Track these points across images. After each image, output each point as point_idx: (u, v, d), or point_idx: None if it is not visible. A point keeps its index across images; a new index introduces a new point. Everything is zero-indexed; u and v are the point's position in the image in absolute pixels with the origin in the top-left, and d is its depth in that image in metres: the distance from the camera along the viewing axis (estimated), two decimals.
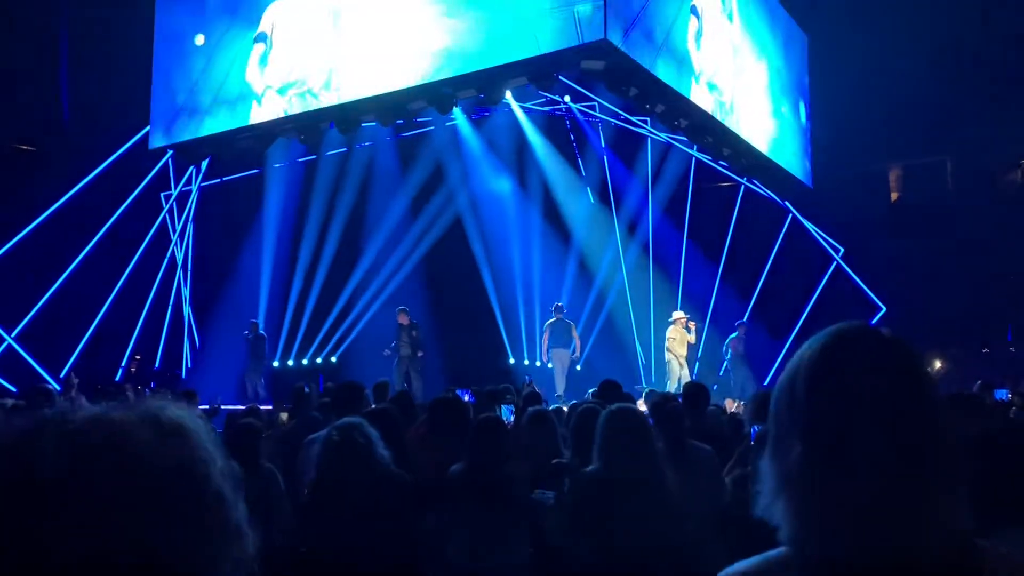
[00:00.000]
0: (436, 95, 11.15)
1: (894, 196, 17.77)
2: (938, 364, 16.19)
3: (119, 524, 0.66)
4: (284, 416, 5.90)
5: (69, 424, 0.71)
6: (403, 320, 13.02)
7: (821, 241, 16.17)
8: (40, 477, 0.66)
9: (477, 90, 11.04)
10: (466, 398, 5.43)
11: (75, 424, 0.71)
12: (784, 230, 16.18)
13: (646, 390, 9.37)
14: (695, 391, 5.59)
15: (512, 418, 4.43)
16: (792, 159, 15.14)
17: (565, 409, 6.65)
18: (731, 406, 11.29)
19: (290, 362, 16.09)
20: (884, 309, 15.57)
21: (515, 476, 3.90)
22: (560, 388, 12.71)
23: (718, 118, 12.08)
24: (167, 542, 0.68)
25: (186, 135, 13.42)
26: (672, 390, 11.53)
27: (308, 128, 12.54)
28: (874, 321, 15.55)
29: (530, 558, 3.90)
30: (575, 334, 13.39)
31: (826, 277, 16.08)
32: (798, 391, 1.05)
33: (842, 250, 16.08)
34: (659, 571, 3.19)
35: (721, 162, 14.25)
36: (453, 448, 4.07)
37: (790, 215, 16.10)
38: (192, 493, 0.71)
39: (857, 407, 1.00)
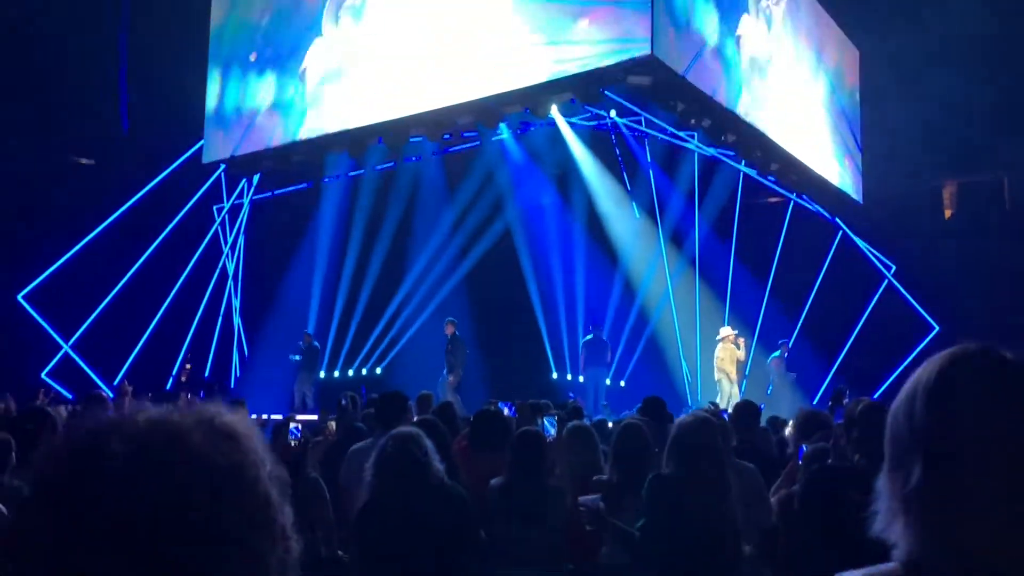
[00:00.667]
0: (483, 111, 11.25)
1: (948, 213, 17.36)
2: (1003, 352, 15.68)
3: (178, 518, 0.70)
4: (332, 425, 5.97)
5: (132, 425, 0.76)
6: (449, 331, 12.94)
7: (872, 258, 15.86)
8: (107, 475, 0.71)
9: (523, 105, 11.10)
10: (506, 411, 5.42)
11: (138, 425, 0.76)
12: (834, 247, 15.90)
13: (688, 410, 9.27)
14: (743, 409, 5.51)
15: (553, 431, 4.42)
16: (843, 174, 14.91)
17: (610, 424, 6.63)
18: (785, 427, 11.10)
19: (336, 373, 16.27)
20: (938, 328, 15.19)
21: (555, 492, 3.89)
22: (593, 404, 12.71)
23: (766, 133, 11.96)
24: (222, 537, 0.73)
25: (238, 149, 13.74)
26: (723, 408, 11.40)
27: (357, 143, 12.74)
28: (927, 340, 15.18)
29: (570, 573, 3.88)
30: (609, 350, 13.52)
31: (877, 295, 15.74)
32: (918, 411, 1.06)
33: (894, 268, 15.74)
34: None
35: (769, 177, 14.09)
36: (494, 462, 4.07)
37: (840, 231, 15.82)
38: (244, 493, 0.76)
39: (980, 427, 1.00)
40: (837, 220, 15.70)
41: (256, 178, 15.46)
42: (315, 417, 9.62)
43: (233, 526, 0.74)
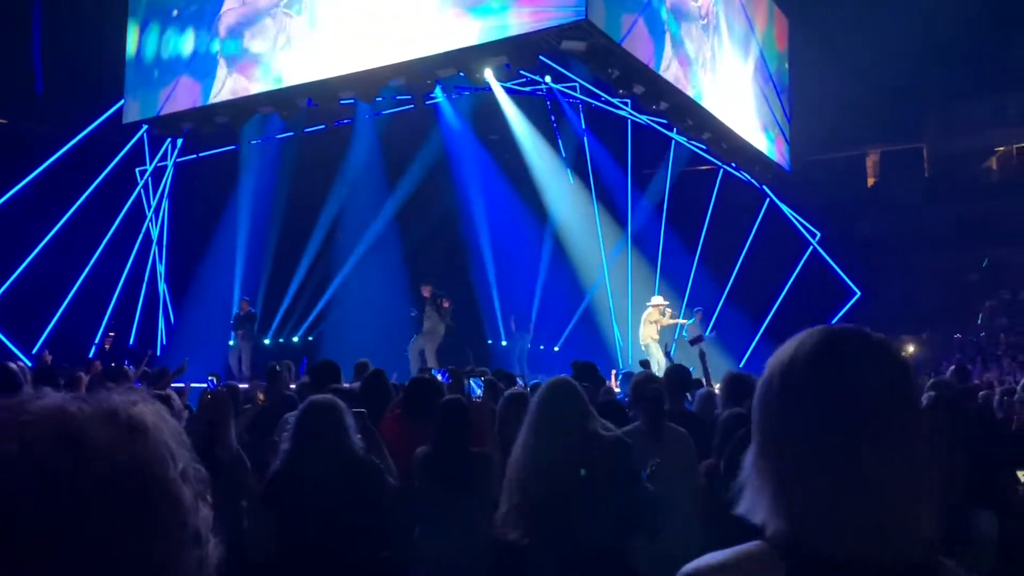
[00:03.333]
0: (415, 73, 11.07)
1: (871, 181, 17.90)
2: (912, 348, 16.39)
3: (69, 529, 0.64)
4: (260, 395, 5.85)
5: (23, 414, 0.68)
6: (427, 293, 12.41)
7: (798, 226, 16.27)
8: None
9: (456, 69, 10.96)
10: (440, 378, 5.42)
11: (29, 414, 0.68)
12: (761, 214, 16.26)
13: (621, 372, 9.42)
14: (678, 374, 5.58)
15: (479, 391, 4.42)
16: (771, 143, 15.19)
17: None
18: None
19: (266, 340, 16.00)
20: (859, 294, 15.73)
21: (481, 458, 3.89)
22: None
23: (698, 101, 12.08)
24: (123, 548, 0.66)
25: (161, 109, 13.25)
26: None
27: (286, 103, 12.41)
28: (848, 305, 15.72)
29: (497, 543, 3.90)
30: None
31: (802, 261, 16.20)
32: (788, 389, 1.08)
33: (819, 235, 16.20)
34: (616, 543, 3.18)
35: (700, 145, 14.27)
36: (426, 430, 4.06)
37: (768, 199, 16.17)
38: (146, 494, 0.69)
39: (848, 408, 1.03)
40: (765, 188, 16.04)
41: (180, 140, 14.95)
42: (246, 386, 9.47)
43: (137, 534, 0.67)
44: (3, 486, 0.63)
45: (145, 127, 14.20)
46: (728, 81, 13.30)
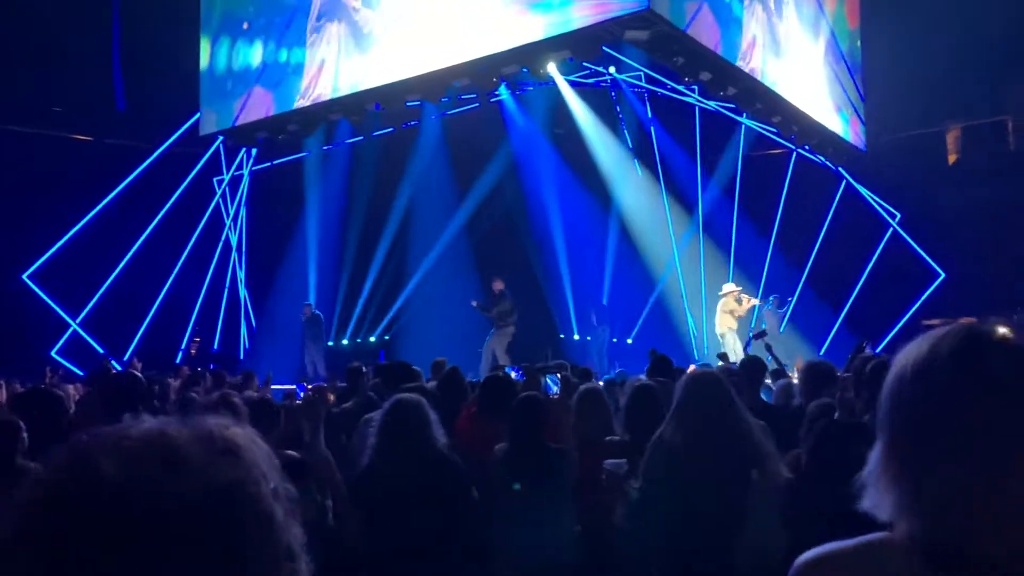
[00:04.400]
0: (480, 72, 11.13)
1: (952, 158, 17.20)
2: (1001, 330, 15.69)
3: (174, 543, 0.67)
4: (331, 395, 5.94)
5: (125, 440, 0.72)
6: (498, 286, 12.52)
7: (877, 207, 15.76)
8: (97, 499, 0.67)
9: (520, 65, 10.97)
10: (514, 375, 5.44)
11: (131, 440, 0.72)
12: (838, 197, 15.80)
13: (698, 364, 9.29)
14: (752, 365, 5.49)
15: (556, 388, 4.44)
16: (845, 123, 14.76)
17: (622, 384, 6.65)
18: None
19: (344, 341, 16.33)
20: (943, 275, 15.14)
21: (559, 454, 3.91)
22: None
23: (767, 84, 11.82)
24: (223, 563, 0.69)
25: (235, 120, 13.65)
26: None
27: (354, 109, 12.64)
28: (932, 287, 15.16)
29: (579, 535, 3.91)
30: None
31: (882, 244, 15.67)
32: (927, 386, 1.08)
33: (899, 216, 15.65)
34: (723, 540, 3.18)
35: (771, 129, 13.96)
36: (502, 428, 4.09)
37: (844, 181, 15.71)
38: (245, 513, 0.72)
39: (990, 404, 1.04)
40: (840, 170, 15.58)
41: (255, 149, 15.38)
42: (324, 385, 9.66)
43: (234, 549, 0.70)
44: (108, 507, 0.67)
45: (221, 138, 14.65)
46: (798, 62, 12.98)
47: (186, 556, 0.67)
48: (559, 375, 4.50)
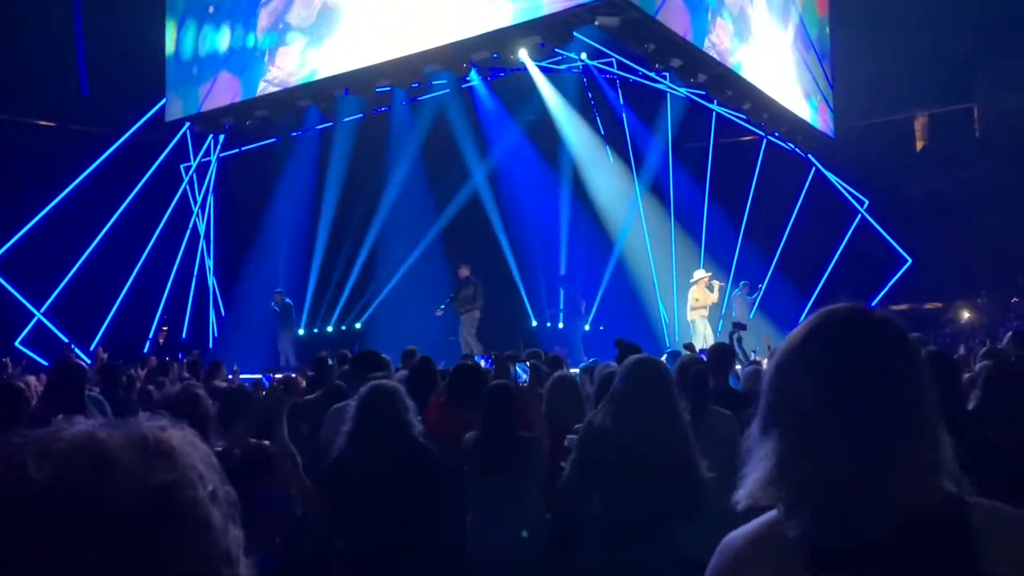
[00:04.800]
0: (450, 57, 11.06)
1: (919, 145, 17.42)
2: (966, 315, 15.98)
3: (103, 553, 0.65)
4: (302, 380, 5.90)
5: (55, 443, 0.70)
6: (464, 273, 12.58)
7: (845, 194, 15.92)
8: (22, 505, 0.66)
9: (490, 51, 10.92)
10: (483, 364, 5.43)
11: (62, 443, 0.70)
12: (807, 184, 15.94)
13: (667, 351, 9.34)
14: (720, 353, 5.50)
15: (526, 377, 4.43)
16: (814, 111, 14.87)
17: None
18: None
19: (315, 330, 16.22)
20: (910, 261, 15.37)
21: (529, 442, 3.91)
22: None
23: (737, 71, 11.87)
24: (147, 564, 0.67)
25: (201, 106, 13.45)
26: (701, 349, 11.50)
27: (322, 95, 12.51)
28: (900, 273, 15.37)
29: (549, 523, 3.92)
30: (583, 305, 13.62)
31: (851, 230, 15.85)
32: (781, 369, 1.12)
33: (867, 202, 15.83)
34: (666, 525, 3.19)
35: (742, 116, 14.02)
36: (473, 415, 4.08)
37: (813, 168, 15.84)
38: (174, 517, 0.70)
39: (837, 385, 1.05)
40: (810, 157, 15.72)
41: (222, 135, 15.17)
42: (293, 375, 9.60)
43: (167, 556, 0.68)
44: (37, 511, 0.65)
45: (187, 124, 14.43)
46: (768, 50, 13.03)
47: (115, 563, 0.65)
48: (528, 363, 4.49)
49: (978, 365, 4.71)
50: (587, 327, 14.77)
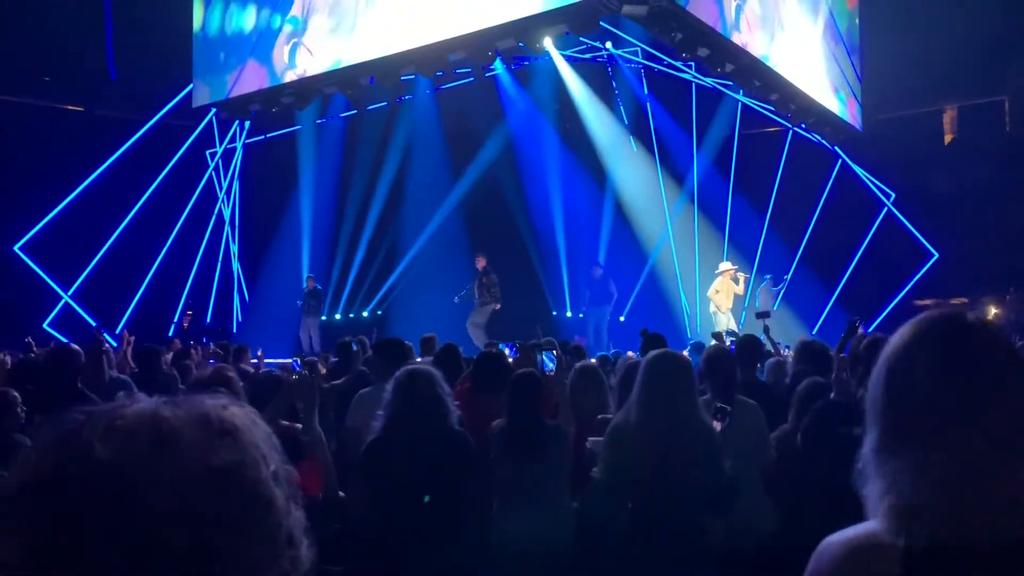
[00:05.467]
0: (475, 45, 11.04)
1: (948, 138, 17.18)
2: (994, 310, 15.78)
3: (168, 529, 0.65)
4: (322, 368, 5.90)
5: (118, 420, 0.70)
6: (480, 263, 12.62)
7: (872, 187, 15.75)
8: (88, 482, 0.65)
9: (516, 39, 10.87)
10: (507, 352, 5.43)
11: (125, 420, 0.70)
12: (833, 176, 15.77)
13: (691, 342, 9.31)
14: (749, 344, 5.48)
15: (552, 366, 4.44)
16: (842, 102, 14.71)
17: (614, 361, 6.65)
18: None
19: (338, 316, 16.31)
20: (937, 255, 15.18)
21: (556, 431, 3.91)
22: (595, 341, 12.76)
23: (765, 62, 11.76)
24: (218, 549, 0.67)
25: (228, 92, 13.52)
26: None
27: (348, 82, 12.53)
28: (926, 267, 15.20)
29: (575, 511, 3.93)
30: (613, 290, 13.47)
31: (877, 223, 15.68)
32: (881, 380, 1.13)
33: (893, 195, 15.65)
34: (695, 520, 3.19)
35: (768, 107, 13.90)
36: (496, 403, 4.09)
37: (839, 160, 15.68)
38: (242, 497, 0.70)
39: (969, 399, 1.06)
40: (836, 149, 15.55)
41: (248, 122, 15.25)
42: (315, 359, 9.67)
43: (230, 536, 0.67)
44: (102, 489, 0.65)
45: (213, 110, 14.52)
46: (797, 42, 12.90)
47: (182, 541, 0.65)
48: (555, 352, 4.49)
49: None
50: (622, 318, 14.78)
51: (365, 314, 16.41)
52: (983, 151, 15.62)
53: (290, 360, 7.12)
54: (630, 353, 6.95)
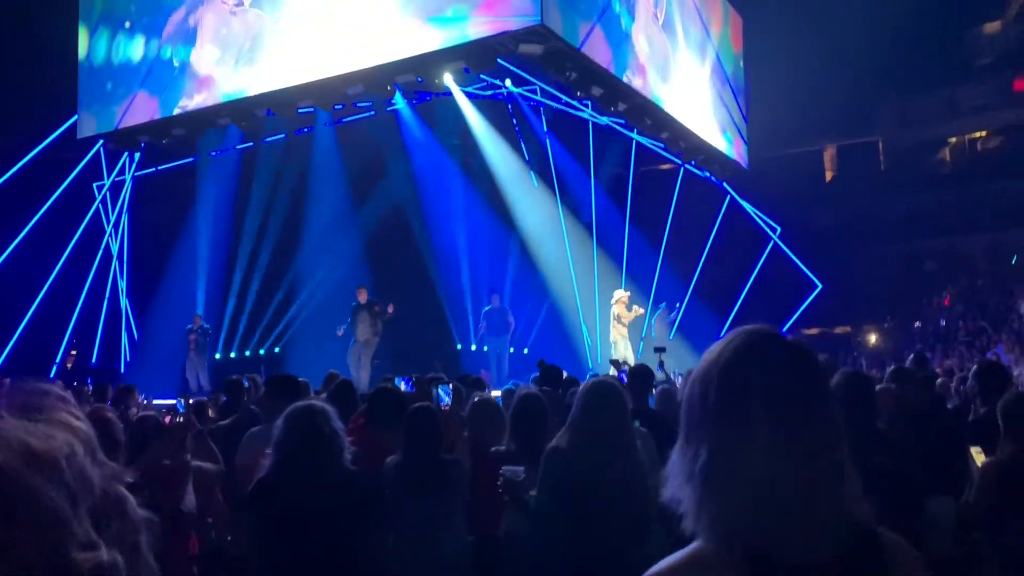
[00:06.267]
0: (374, 80, 11.06)
1: (829, 175, 18.19)
2: (873, 338, 16.67)
3: None
4: (211, 411, 5.70)
5: None
6: (362, 298, 12.43)
7: (759, 221, 16.48)
8: None
9: (415, 74, 10.97)
10: (403, 386, 5.41)
11: None
12: (723, 211, 16.45)
13: (590, 373, 9.47)
14: (640, 373, 5.63)
15: (448, 399, 4.44)
16: (729, 141, 15.38)
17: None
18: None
19: (232, 354, 15.84)
20: (820, 286, 15.96)
21: (452, 465, 3.92)
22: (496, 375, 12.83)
23: (657, 103, 12.20)
24: None
25: (116, 124, 13.08)
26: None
27: (243, 114, 12.33)
28: (811, 298, 15.96)
29: (472, 545, 3.93)
30: (510, 320, 13.59)
31: (764, 255, 16.40)
32: (710, 389, 1.11)
33: (779, 229, 16.42)
34: (624, 549, 3.24)
35: (659, 144, 14.41)
36: (392, 438, 4.07)
37: (728, 196, 16.36)
38: (31, 527, 0.73)
39: (762, 404, 1.07)
40: (725, 185, 16.23)
41: (138, 154, 14.76)
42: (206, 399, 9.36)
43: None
44: None
45: (101, 141, 14.01)
46: (686, 83, 13.45)
47: None
48: (451, 385, 4.50)
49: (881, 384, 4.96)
50: (511, 349, 14.85)
51: (262, 352, 15.99)
52: (860, 187, 16.62)
53: (174, 401, 6.88)
54: (528, 386, 7.00)
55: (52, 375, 13.38)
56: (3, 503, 0.72)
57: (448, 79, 11.68)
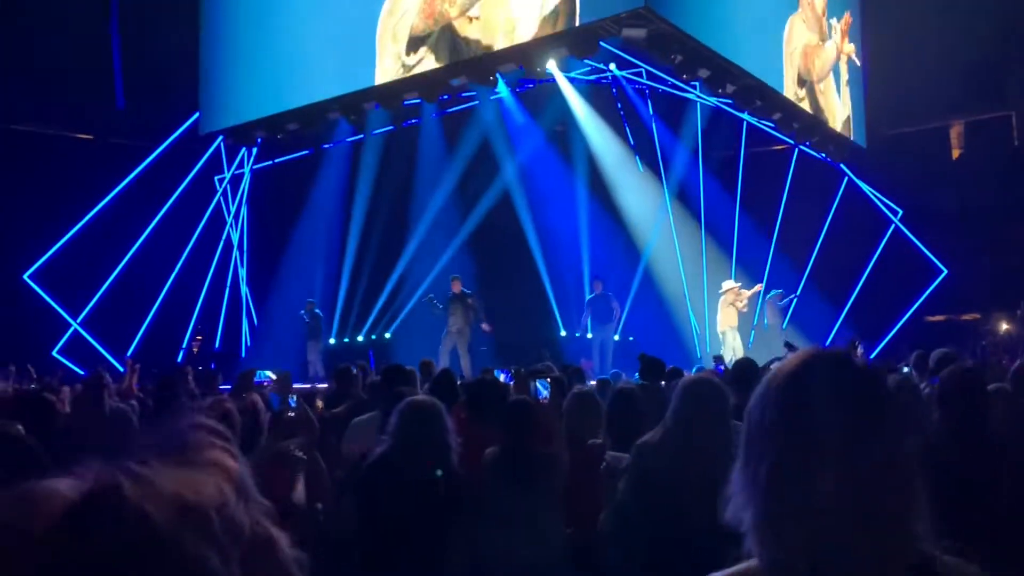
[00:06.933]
0: (477, 70, 11.12)
1: (955, 153, 17.13)
2: (1004, 326, 15.64)
3: None
4: (320, 403, 5.86)
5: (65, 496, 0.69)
6: (456, 288, 12.66)
7: (879, 203, 15.70)
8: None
9: (517, 63, 10.95)
10: (502, 378, 5.42)
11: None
12: (840, 194, 15.74)
13: (696, 367, 9.27)
14: (742, 368, 5.42)
15: (546, 393, 4.43)
16: (846, 119, 14.71)
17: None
18: None
19: (345, 339, 16.33)
20: (946, 271, 15.09)
21: (549, 459, 3.90)
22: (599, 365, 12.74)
23: (765, 82, 11.78)
24: None
25: (235, 119, 13.65)
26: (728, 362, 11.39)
27: (352, 108, 12.64)
28: (935, 284, 15.11)
29: (569, 538, 3.91)
30: (615, 307, 13.45)
31: (884, 240, 15.62)
32: (770, 409, 1.10)
33: (901, 212, 15.59)
34: (707, 552, 3.16)
35: (771, 125, 13.91)
36: (492, 430, 4.09)
37: (845, 178, 15.65)
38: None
39: (822, 426, 1.05)
40: (842, 166, 15.52)
41: (255, 148, 15.39)
42: (324, 386, 9.69)
43: None
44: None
45: (221, 137, 14.67)
46: (798, 58, 12.92)
47: None
48: (548, 379, 4.48)
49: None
50: (616, 336, 14.71)
51: (374, 336, 16.39)
52: (990, 166, 15.56)
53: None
54: (628, 380, 6.92)
55: (179, 359, 14.16)
56: (155, 560, 0.71)
57: (552, 65, 11.62)
